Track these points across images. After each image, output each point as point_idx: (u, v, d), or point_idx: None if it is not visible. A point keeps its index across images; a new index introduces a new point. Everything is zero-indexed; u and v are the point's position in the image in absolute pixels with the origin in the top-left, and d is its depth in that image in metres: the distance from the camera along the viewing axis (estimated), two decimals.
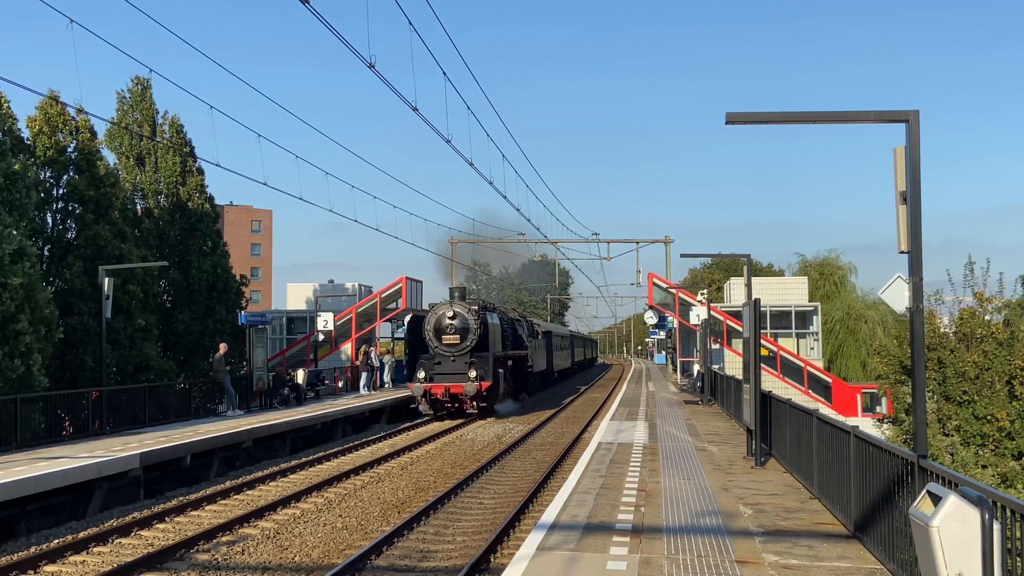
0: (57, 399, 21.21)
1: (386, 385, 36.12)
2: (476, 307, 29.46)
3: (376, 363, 35.92)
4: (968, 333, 22.03)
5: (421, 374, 28.36)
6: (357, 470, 18.06)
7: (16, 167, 22.18)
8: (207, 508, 14.78)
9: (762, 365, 17.45)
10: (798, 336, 44.19)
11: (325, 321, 38.37)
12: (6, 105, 24.77)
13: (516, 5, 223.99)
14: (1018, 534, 5.47)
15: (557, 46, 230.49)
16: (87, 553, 11.79)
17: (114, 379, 26.22)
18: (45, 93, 26.83)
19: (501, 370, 30.04)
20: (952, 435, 21.06)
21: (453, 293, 30.16)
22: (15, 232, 20.99)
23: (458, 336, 28.58)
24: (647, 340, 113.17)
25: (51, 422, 21.10)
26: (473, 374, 28.06)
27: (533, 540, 9.44)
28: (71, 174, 28.52)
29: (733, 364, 37.25)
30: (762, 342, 30.39)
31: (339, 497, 15.35)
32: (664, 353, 77.40)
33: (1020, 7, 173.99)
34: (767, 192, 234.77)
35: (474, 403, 28.15)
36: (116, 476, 15.51)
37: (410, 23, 17.45)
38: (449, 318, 28.68)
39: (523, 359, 35.89)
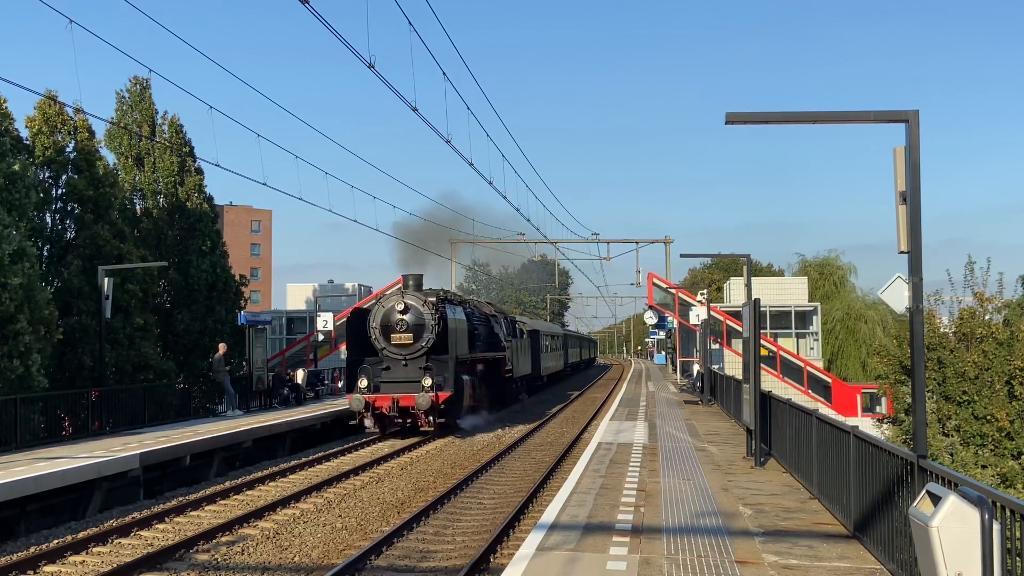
0: (57, 399, 21.21)
1: None
2: (434, 299, 24.23)
3: None
4: (968, 333, 22.05)
5: (363, 383, 23.02)
6: (357, 470, 18.05)
7: (16, 167, 22.19)
8: (207, 508, 14.77)
9: (762, 365, 17.46)
10: (798, 336, 44.22)
11: (325, 321, 38.37)
12: (4, 105, 24.76)
13: (516, 5, 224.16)
14: (1018, 534, 5.47)
15: (557, 46, 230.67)
16: (87, 553, 11.79)
17: (113, 378, 26.21)
18: (43, 93, 26.81)
19: (467, 376, 25.07)
20: (952, 435, 21.07)
21: (408, 281, 25.09)
22: (14, 232, 20.98)
23: (411, 335, 23.34)
24: (647, 340, 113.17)
25: (51, 422, 21.12)
26: (428, 382, 22.78)
27: (533, 540, 9.44)
28: (70, 174, 28.51)
29: (733, 364, 37.26)
30: (762, 342, 30.43)
31: (339, 497, 15.34)
32: (664, 353, 77.44)
33: (1020, 7, 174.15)
34: (767, 192, 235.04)
35: (429, 418, 23.08)
36: (116, 476, 15.51)
37: (410, 23, 17.48)
38: (399, 312, 23.40)
39: (499, 362, 30.77)
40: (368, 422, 23.13)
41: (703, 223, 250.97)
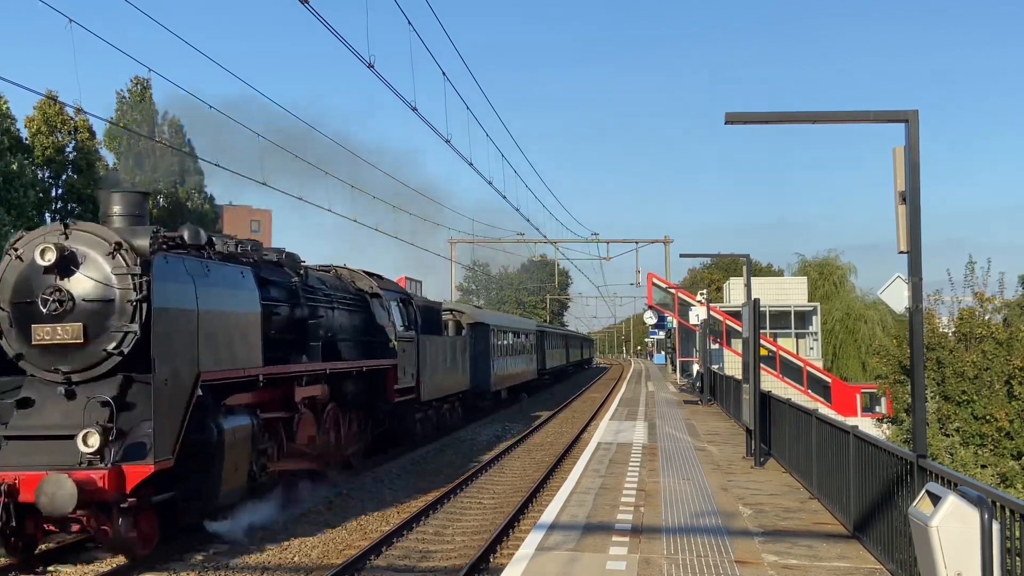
0: None
1: None
2: (147, 242, 10.38)
3: None
4: (968, 333, 22.04)
5: None
6: None
7: (13, 166, 22.21)
8: None
9: (761, 365, 17.47)
10: (797, 336, 44.19)
11: None
12: (5, 105, 24.77)
13: (516, 5, 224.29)
14: (1017, 534, 5.47)
15: (557, 47, 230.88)
16: (86, 553, 11.75)
17: None
18: (43, 93, 26.82)
19: (247, 419, 11.57)
20: (952, 436, 21.07)
21: (110, 204, 11.12)
22: (12, 231, 21.01)
23: (79, 325, 10.07)
24: (646, 340, 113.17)
25: None
26: (94, 440, 9.35)
27: (532, 540, 9.44)
28: (70, 173, 28.54)
29: (732, 364, 37.24)
30: (761, 342, 30.40)
31: (338, 497, 15.32)
32: (663, 353, 77.44)
33: (1020, 7, 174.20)
34: (767, 192, 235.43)
35: (105, 525, 9.73)
36: None
37: (409, 23, 17.45)
38: (48, 269, 10.05)
39: (381, 377, 17.62)
40: None
41: (703, 223, 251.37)
